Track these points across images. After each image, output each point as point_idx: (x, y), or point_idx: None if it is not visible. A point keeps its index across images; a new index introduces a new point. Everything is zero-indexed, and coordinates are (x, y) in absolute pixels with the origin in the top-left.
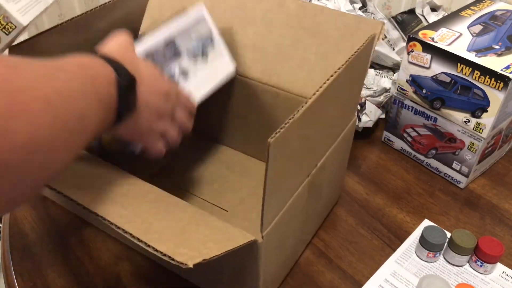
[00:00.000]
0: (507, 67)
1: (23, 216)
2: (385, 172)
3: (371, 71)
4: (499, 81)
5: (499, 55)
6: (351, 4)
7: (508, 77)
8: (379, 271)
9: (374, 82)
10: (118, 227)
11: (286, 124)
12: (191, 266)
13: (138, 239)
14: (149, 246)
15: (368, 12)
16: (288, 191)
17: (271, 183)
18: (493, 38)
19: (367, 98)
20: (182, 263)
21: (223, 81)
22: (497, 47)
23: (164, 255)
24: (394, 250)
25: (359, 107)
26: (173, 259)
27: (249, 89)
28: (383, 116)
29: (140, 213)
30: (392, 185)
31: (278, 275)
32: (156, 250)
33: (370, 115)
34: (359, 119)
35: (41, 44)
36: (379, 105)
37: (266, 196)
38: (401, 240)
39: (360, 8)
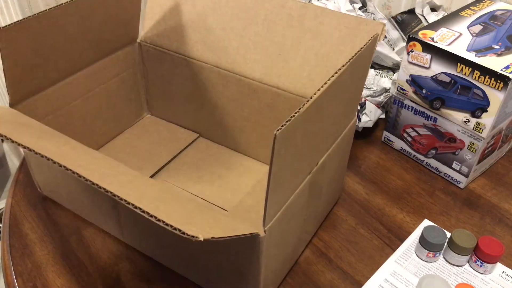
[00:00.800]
0: (507, 67)
1: (23, 216)
2: (385, 172)
3: (371, 71)
4: (499, 81)
5: (499, 55)
6: (351, 4)
7: (508, 77)
8: (379, 271)
9: (374, 82)
10: (128, 203)
11: (292, 117)
12: (201, 239)
13: (148, 214)
14: (159, 220)
15: (368, 12)
16: (290, 187)
17: (275, 177)
18: (493, 38)
19: (367, 98)
20: (193, 236)
21: None
22: (497, 47)
23: (175, 229)
24: (394, 250)
25: (359, 107)
26: (184, 233)
27: (249, 89)
28: (383, 116)
29: (147, 197)
30: (392, 185)
31: (279, 274)
32: (167, 224)
33: (370, 115)
34: (359, 119)
35: (30, 29)
36: (379, 105)
37: (269, 190)
38: (401, 240)
39: (360, 8)
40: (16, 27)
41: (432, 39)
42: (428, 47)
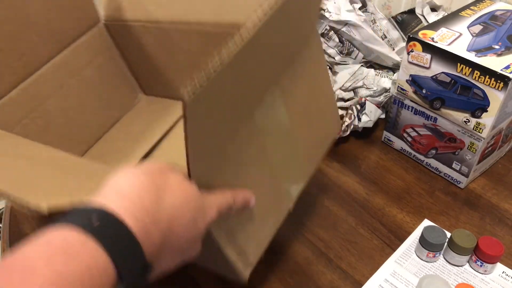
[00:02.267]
0: (507, 67)
1: (23, 216)
2: (385, 172)
3: (371, 71)
4: (499, 81)
5: (499, 55)
6: (351, 4)
7: (508, 77)
8: (379, 271)
9: (374, 82)
10: None
11: (205, 81)
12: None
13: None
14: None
15: (368, 12)
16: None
17: (194, 144)
18: (493, 38)
19: (367, 98)
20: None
21: None
22: (497, 47)
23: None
24: (394, 250)
25: (359, 107)
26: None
27: (214, 39)
28: (383, 116)
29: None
30: (392, 185)
31: (255, 246)
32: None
33: (370, 115)
34: (359, 119)
35: None
36: (379, 105)
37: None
38: (401, 240)
39: (360, 8)
40: None
41: (432, 39)
42: (428, 47)
